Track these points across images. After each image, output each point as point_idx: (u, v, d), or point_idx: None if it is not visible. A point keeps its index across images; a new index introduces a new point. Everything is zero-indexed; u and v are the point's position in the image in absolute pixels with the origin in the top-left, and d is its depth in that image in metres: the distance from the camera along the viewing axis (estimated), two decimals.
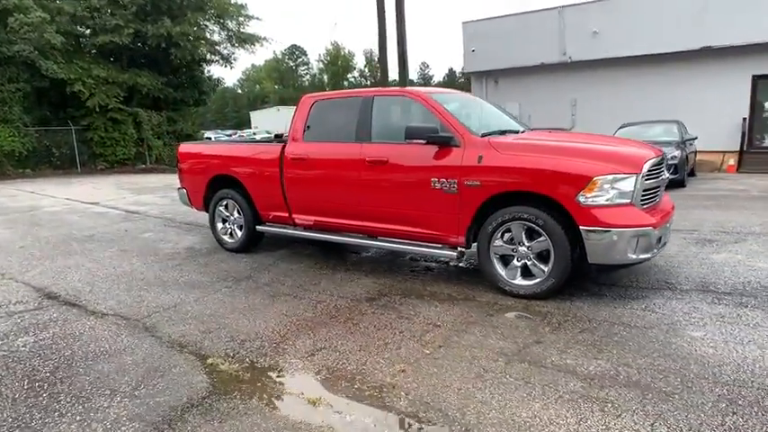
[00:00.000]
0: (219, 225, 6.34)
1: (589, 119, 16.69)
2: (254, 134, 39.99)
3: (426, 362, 3.08)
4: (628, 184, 3.78)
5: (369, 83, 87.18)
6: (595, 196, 3.75)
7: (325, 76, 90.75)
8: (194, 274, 5.29)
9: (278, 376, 3.01)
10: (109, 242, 6.94)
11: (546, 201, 3.95)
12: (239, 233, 6.15)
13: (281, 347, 3.41)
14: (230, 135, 39.25)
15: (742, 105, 14.70)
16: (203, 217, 8.37)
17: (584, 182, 3.75)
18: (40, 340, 3.65)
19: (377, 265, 5.39)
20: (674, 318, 3.58)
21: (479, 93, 21.01)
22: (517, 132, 4.79)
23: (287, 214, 5.61)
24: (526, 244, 4.07)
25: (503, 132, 4.62)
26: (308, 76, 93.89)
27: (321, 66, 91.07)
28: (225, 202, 6.22)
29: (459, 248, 4.44)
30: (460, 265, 5.25)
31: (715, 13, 14.26)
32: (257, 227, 5.92)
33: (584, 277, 4.50)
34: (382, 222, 4.86)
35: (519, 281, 4.14)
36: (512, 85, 19.69)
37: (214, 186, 6.29)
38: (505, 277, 4.19)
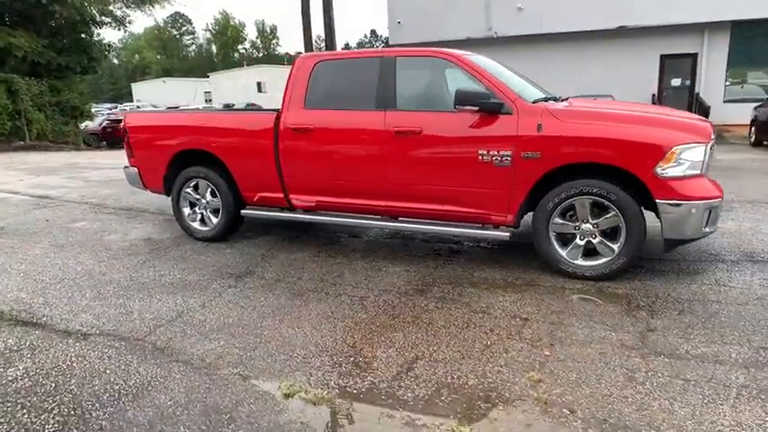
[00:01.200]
0: (186, 210, 5.27)
1: None
2: (139, 108, 35.89)
3: (556, 366, 2.61)
4: (699, 154, 3.55)
5: (261, 55, 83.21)
6: (672, 167, 3.48)
7: (214, 47, 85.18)
8: (175, 271, 4.29)
9: (393, 405, 2.35)
10: (31, 236, 5.52)
11: (615, 173, 3.62)
12: (214, 219, 5.15)
13: (361, 362, 2.73)
14: (110, 110, 34.94)
15: (652, 82, 15.90)
16: (144, 200, 7.13)
17: (663, 152, 3.46)
18: (12, 382, 2.59)
19: (391, 250, 4.78)
20: (756, 291, 3.47)
21: None
22: (557, 99, 4.40)
23: (281, 195, 4.76)
24: (591, 221, 3.74)
25: (546, 100, 4.20)
26: (193, 47, 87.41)
27: (209, 36, 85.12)
28: (194, 183, 5.16)
29: (501, 227, 4.01)
30: (480, 245, 4.83)
31: None
32: (242, 211, 4.98)
33: None
34: (409, 201, 4.25)
35: (582, 261, 3.80)
36: None
37: (179, 164, 5.19)
38: (567, 258, 3.83)
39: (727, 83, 15.93)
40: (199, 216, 5.24)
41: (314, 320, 3.26)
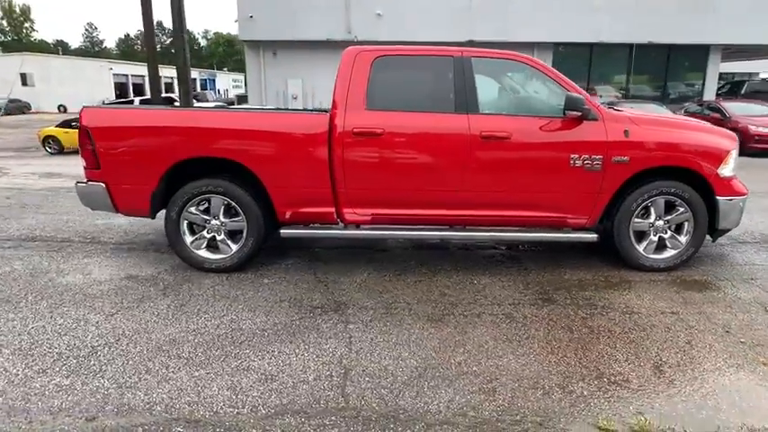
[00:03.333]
0: (188, 237, 4.15)
1: None
2: None
3: None
4: (735, 156, 4.27)
5: (10, 39, 68.81)
6: (725, 168, 4.11)
7: None
8: (240, 314, 3.38)
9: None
10: None
11: (680, 174, 4.09)
12: (233, 244, 4.17)
13: (618, 380, 2.59)
14: None
15: None
16: (40, 225, 5.67)
17: (724, 155, 4.06)
18: None
19: (450, 262, 4.50)
20: None
21: (255, 64, 19.54)
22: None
23: (331, 209, 4.12)
24: (665, 218, 4.16)
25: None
26: None
27: None
28: (199, 200, 4.09)
29: (576, 230, 4.20)
30: (520, 248, 4.94)
31: (477, 13, 16.97)
32: (282, 230, 4.15)
33: None
34: (487, 209, 4.12)
35: (656, 255, 4.21)
36: (293, 58, 18.95)
37: (177, 177, 4.07)
38: (644, 253, 4.18)
39: None
40: (205, 242, 4.19)
41: (499, 348, 2.94)
